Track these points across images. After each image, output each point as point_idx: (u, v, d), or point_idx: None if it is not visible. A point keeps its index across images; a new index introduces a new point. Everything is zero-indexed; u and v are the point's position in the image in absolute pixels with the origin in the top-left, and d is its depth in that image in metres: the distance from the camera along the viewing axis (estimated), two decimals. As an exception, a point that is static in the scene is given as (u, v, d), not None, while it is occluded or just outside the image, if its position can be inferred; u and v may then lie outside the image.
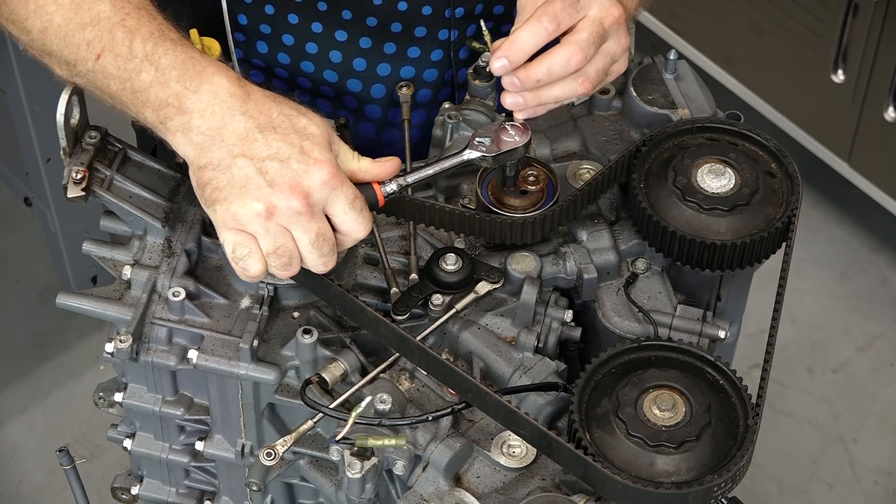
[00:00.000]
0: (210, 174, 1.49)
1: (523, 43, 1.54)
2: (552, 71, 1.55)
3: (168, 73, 1.50)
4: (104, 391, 1.81)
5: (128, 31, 1.51)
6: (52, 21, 1.54)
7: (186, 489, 1.86)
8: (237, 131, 1.48)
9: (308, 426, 1.60)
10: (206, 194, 1.49)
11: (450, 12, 1.82)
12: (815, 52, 3.24)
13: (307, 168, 1.47)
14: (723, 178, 1.69)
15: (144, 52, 1.51)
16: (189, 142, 1.49)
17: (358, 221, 1.50)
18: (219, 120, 1.48)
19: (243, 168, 1.47)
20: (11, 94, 2.89)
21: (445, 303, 1.65)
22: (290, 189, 1.47)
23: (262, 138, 1.48)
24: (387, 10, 1.81)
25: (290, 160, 1.47)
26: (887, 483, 3.13)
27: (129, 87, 1.51)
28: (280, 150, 1.47)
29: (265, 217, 1.47)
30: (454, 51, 1.86)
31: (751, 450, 1.51)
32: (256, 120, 1.48)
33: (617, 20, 1.58)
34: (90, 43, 1.52)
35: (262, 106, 1.49)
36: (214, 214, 1.50)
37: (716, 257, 1.66)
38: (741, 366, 1.67)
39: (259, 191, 1.47)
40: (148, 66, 1.50)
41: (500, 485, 1.58)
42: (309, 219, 1.48)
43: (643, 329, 1.67)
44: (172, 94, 1.49)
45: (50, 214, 3.11)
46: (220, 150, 1.48)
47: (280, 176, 1.47)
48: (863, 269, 3.50)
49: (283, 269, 1.50)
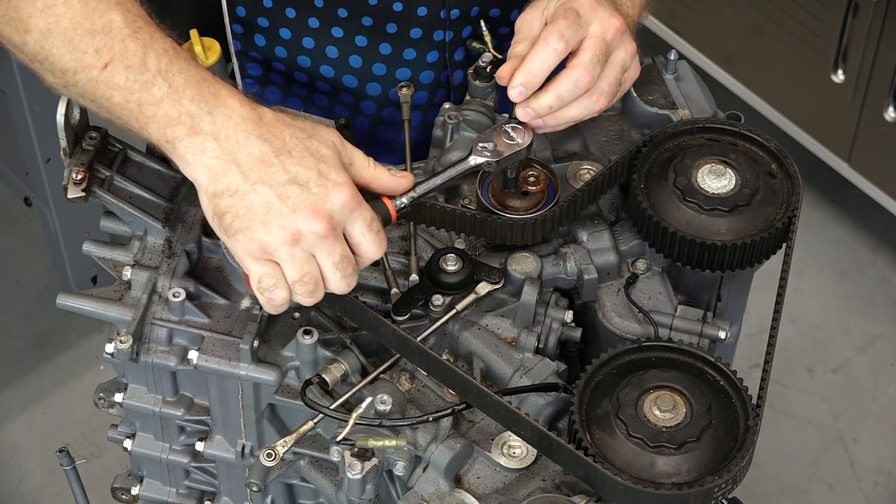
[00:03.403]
0: (227, 202, 1.46)
1: (536, 69, 1.57)
2: (562, 97, 1.59)
3: (182, 92, 1.47)
4: (104, 391, 1.81)
5: (141, 44, 1.49)
6: (58, 23, 1.50)
7: (186, 489, 1.86)
8: (253, 155, 1.45)
9: (308, 427, 1.60)
10: (225, 223, 1.46)
11: (445, 13, 1.83)
12: (815, 52, 3.24)
13: (327, 191, 1.46)
14: (723, 178, 1.69)
15: (158, 67, 1.48)
16: (202, 165, 1.46)
17: (375, 242, 1.50)
18: (233, 144, 1.45)
19: (263, 194, 1.45)
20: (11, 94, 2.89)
21: (446, 303, 1.65)
22: (313, 213, 1.45)
23: (279, 162, 1.45)
24: (382, 10, 1.81)
25: (309, 184, 1.45)
26: (887, 483, 3.13)
27: (136, 100, 1.48)
28: (298, 174, 1.46)
29: (291, 244, 1.45)
30: (449, 52, 1.87)
31: (751, 450, 1.51)
32: (271, 143, 1.46)
33: (618, 30, 1.60)
34: (99, 50, 1.49)
35: (274, 129, 1.47)
36: (237, 244, 1.46)
37: (716, 258, 1.66)
38: (741, 366, 1.67)
39: (283, 217, 1.44)
40: (161, 81, 1.47)
41: (500, 485, 1.58)
42: (333, 242, 1.46)
43: (643, 330, 1.67)
44: (185, 114, 1.46)
45: (50, 214, 3.11)
46: (237, 175, 1.45)
47: (302, 201, 1.45)
48: (863, 269, 3.50)
49: (308, 297, 1.48)
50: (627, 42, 1.61)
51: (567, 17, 1.57)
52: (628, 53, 1.62)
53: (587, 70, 1.57)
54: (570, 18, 1.57)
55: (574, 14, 1.58)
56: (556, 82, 1.58)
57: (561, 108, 1.60)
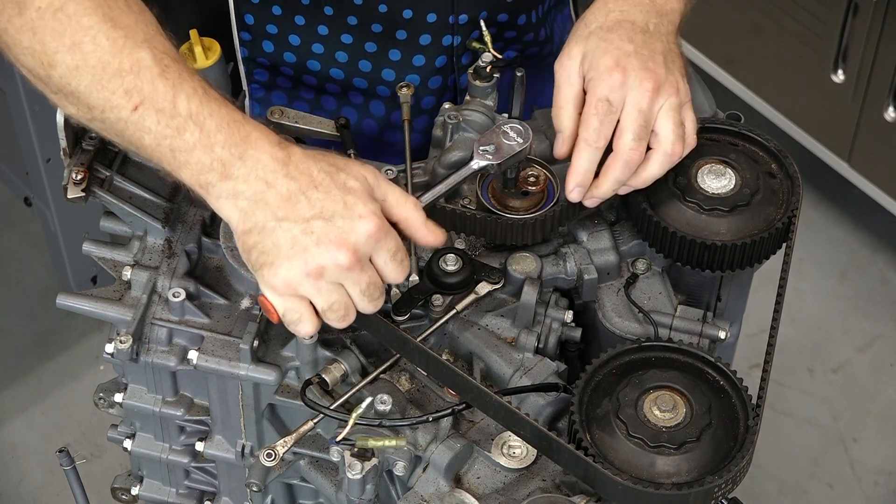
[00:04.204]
0: (255, 238, 1.47)
1: (584, 169, 1.62)
2: (619, 180, 1.63)
3: (214, 137, 1.46)
4: (104, 391, 1.81)
5: (171, 84, 1.47)
6: (86, 61, 1.46)
7: (186, 489, 1.86)
8: (280, 194, 1.46)
9: (308, 427, 1.60)
10: (252, 258, 1.48)
11: (454, 19, 1.83)
12: (815, 52, 3.24)
13: (352, 223, 1.47)
14: (723, 178, 1.69)
15: (189, 111, 1.46)
16: (234, 207, 1.47)
17: (398, 271, 1.51)
18: (262, 184, 1.46)
19: (288, 230, 1.46)
20: (11, 94, 2.89)
21: (446, 303, 1.65)
22: (338, 246, 1.46)
23: (305, 199, 1.46)
24: (391, 18, 1.81)
25: (334, 217, 1.46)
26: (887, 483, 3.13)
27: (168, 145, 1.47)
28: (324, 208, 1.47)
29: (315, 278, 1.47)
30: (457, 56, 1.87)
31: (751, 450, 1.51)
32: (298, 181, 1.47)
33: (654, 90, 1.60)
34: (128, 91, 1.46)
35: (302, 166, 1.48)
36: (262, 279, 1.48)
37: (716, 258, 1.66)
38: (741, 366, 1.67)
39: (306, 252, 1.46)
40: (193, 126, 1.46)
41: (500, 485, 1.58)
42: (359, 272, 1.48)
43: (643, 330, 1.67)
44: (217, 161, 1.46)
45: (50, 214, 3.11)
46: (264, 213, 1.46)
47: (326, 234, 1.46)
48: (863, 269, 3.50)
49: (340, 322, 1.50)
50: (669, 90, 1.61)
51: (598, 111, 1.60)
52: (680, 94, 1.62)
53: (632, 149, 1.60)
54: (601, 112, 1.60)
55: (605, 105, 1.59)
56: (609, 169, 1.62)
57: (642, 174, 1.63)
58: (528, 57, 1.93)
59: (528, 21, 1.89)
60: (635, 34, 1.63)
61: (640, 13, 1.65)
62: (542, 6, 1.91)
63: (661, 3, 1.68)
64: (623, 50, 1.61)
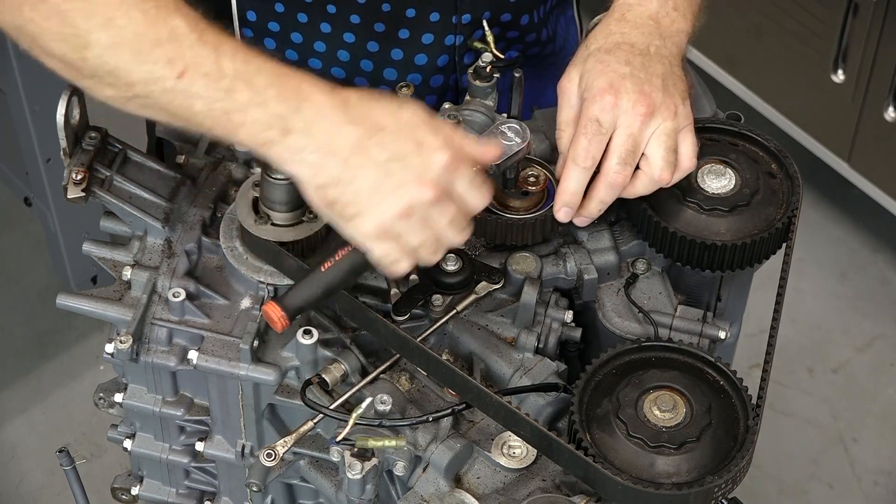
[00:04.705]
0: (333, 192, 1.47)
1: (571, 189, 1.62)
2: (605, 201, 1.63)
3: (265, 93, 1.45)
4: (104, 391, 1.81)
5: (211, 47, 1.44)
6: (122, 36, 1.43)
7: (186, 489, 1.86)
8: (349, 142, 1.45)
9: (308, 427, 1.60)
10: (336, 211, 1.48)
11: (456, 18, 1.83)
12: (815, 52, 3.24)
13: (427, 158, 1.47)
14: (723, 178, 1.69)
15: (235, 70, 1.45)
16: (301, 162, 1.46)
17: (478, 196, 1.51)
18: (327, 136, 1.45)
19: (368, 178, 1.45)
20: (11, 94, 2.89)
21: (446, 303, 1.65)
22: (419, 183, 1.46)
23: (376, 142, 1.46)
24: (395, 16, 1.81)
25: (409, 156, 1.46)
26: (887, 483, 3.13)
27: (220, 108, 1.45)
28: (396, 149, 1.46)
29: (405, 217, 1.47)
30: (459, 56, 1.87)
31: (751, 450, 1.51)
32: (363, 125, 1.46)
33: (646, 115, 1.60)
34: (171, 60, 1.44)
35: (363, 109, 1.47)
36: (354, 229, 1.48)
37: (716, 258, 1.66)
38: (741, 366, 1.67)
39: (391, 195, 1.46)
40: (242, 85, 1.45)
41: (500, 485, 1.58)
42: (443, 204, 1.48)
43: (643, 330, 1.67)
44: (274, 116, 1.45)
45: (50, 214, 3.11)
46: (337, 165, 1.45)
47: (405, 174, 1.46)
48: (863, 269, 3.50)
49: (433, 255, 1.52)
50: (665, 114, 1.61)
51: (587, 131, 1.60)
52: (668, 123, 1.61)
53: (617, 173, 1.60)
54: (590, 132, 1.59)
55: (594, 126, 1.59)
56: (594, 190, 1.63)
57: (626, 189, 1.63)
58: (530, 57, 1.93)
59: (530, 21, 1.89)
60: (634, 56, 1.62)
61: (641, 36, 1.64)
62: (544, 6, 1.91)
63: (667, 25, 1.67)
64: (618, 72, 1.60)
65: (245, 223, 1.64)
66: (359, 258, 1.52)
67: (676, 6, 1.68)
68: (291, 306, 1.52)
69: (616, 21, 1.66)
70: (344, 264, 1.53)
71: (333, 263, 1.53)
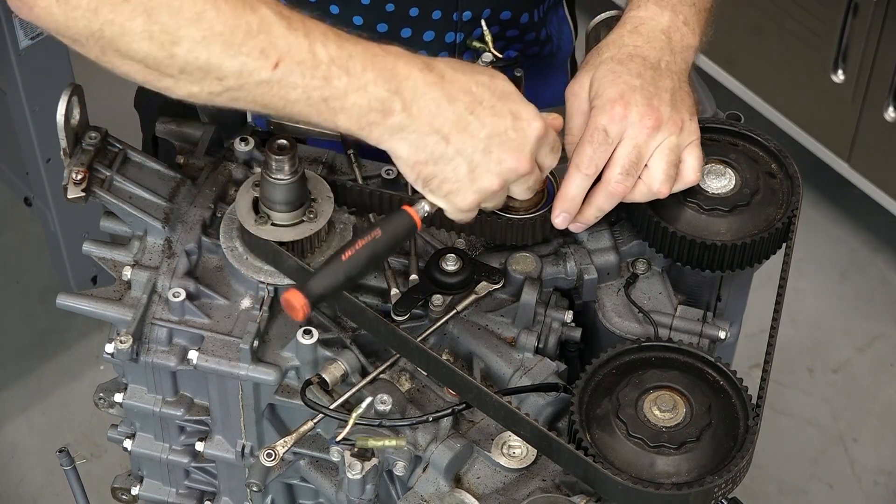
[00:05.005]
0: (432, 169, 1.49)
1: (571, 195, 1.62)
2: (603, 209, 1.64)
3: (363, 78, 1.45)
4: (104, 391, 1.81)
5: (302, 34, 1.44)
6: (212, 29, 1.41)
7: (186, 489, 1.86)
8: (449, 120, 1.47)
9: (308, 427, 1.60)
10: (432, 186, 1.50)
11: (457, 16, 1.83)
12: (815, 52, 3.24)
13: (524, 132, 1.50)
14: (723, 178, 1.69)
15: (329, 57, 1.44)
16: (401, 140, 1.48)
17: (555, 158, 1.56)
18: (428, 114, 1.47)
19: (468, 156, 1.48)
20: (11, 94, 2.88)
21: (446, 303, 1.65)
22: (517, 159, 1.50)
23: (475, 118, 1.48)
24: (398, 16, 1.81)
25: (507, 131, 1.50)
26: (887, 483, 3.13)
27: (319, 96, 1.45)
28: (495, 125, 1.49)
29: (499, 191, 1.52)
30: (459, 53, 1.87)
31: (751, 450, 1.51)
32: (462, 101, 1.48)
33: (653, 128, 1.59)
34: (264, 50, 1.42)
35: (459, 84, 1.49)
36: (450, 204, 1.52)
37: (716, 258, 1.66)
38: (741, 366, 1.67)
39: (490, 171, 1.50)
40: (338, 71, 1.44)
41: (500, 485, 1.58)
42: (530, 173, 1.53)
43: (643, 330, 1.67)
44: (374, 99, 1.45)
45: (50, 214, 3.11)
46: (438, 143, 1.48)
47: (504, 150, 1.49)
48: (863, 269, 3.50)
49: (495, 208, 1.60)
50: (671, 128, 1.60)
51: (593, 139, 1.59)
52: (673, 138, 1.61)
53: (618, 182, 1.61)
54: (596, 141, 1.59)
55: (601, 135, 1.59)
56: (593, 197, 1.62)
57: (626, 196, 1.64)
58: (529, 56, 1.93)
59: (530, 20, 1.89)
60: (645, 70, 1.62)
61: (653, 50, 1.64)
62: (543, 6, 1.91)
63: (678, 40, 1.67)
64: (630, 84, 1.60)
65: (245, 223, 1.64)
66: (379, 246, 1.53)
67: (687, 21, 1.68)
68: (314, 293, 1.51)
69: (629, 33, 1.66)
70: (364, 253, 1.53)
71: (354, 252, 1.53)
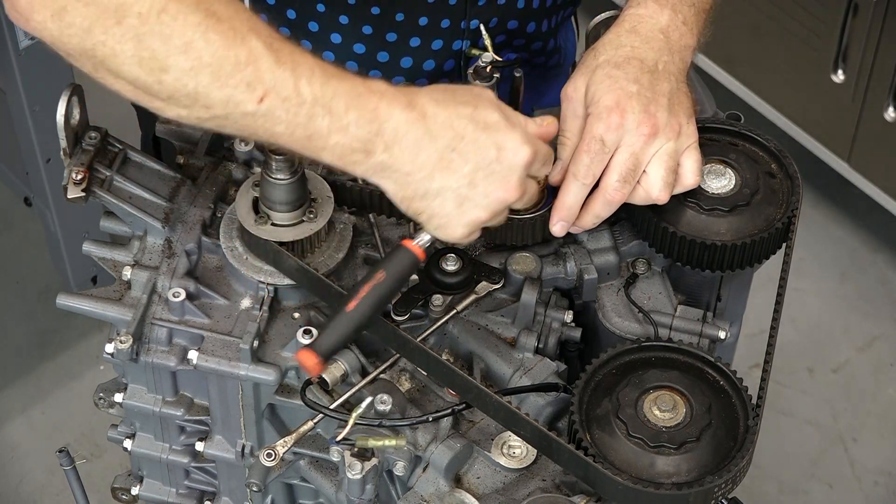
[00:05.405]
0: (419, 204, 1.50)
1: (570, 203, 1.62)
2: (600, 216, 1.64)
3: (345, 118, 1.45)
4: (104, 391, 1.81)
5: (289, 69, 1.43)
6: (201, 59, 1.41)
7: (186, 489, 1.86)
8: (431, 159, 1.47)
9: (308, 427, 1.60)
10: (423, 220, 1.52)
11: (465, 24, 1.82)
12: (815, 52, 3.24)
13: (510, 162, 1.49)
14: (723, 178, 1.69)
15: (314, 96, 1.44)
16: (385, 178, 1.49)
17: (546, 169, 1.57)
18: (409, 153, 1.47)
19: (453, 192, 1.48)
20: (11, 94, 2.88)
21: (446, 303, 1.65)
22: (504, 190, 1.50)
23: (458, 155, 1.48)
24: (407, 26, 1.80)
25: (491, 164, 1.49)
26: (887, 483, 3.13)
27: (302, 134, 1.45)
28: (478, 159, 1.48)
29: (489, 220, 1.52)
30: (465, 60, 1.86)
31: (751, 450, 1.51)
32: (443, 137, 1.47)
33: (650, 135, 1.59)
34: (250, 84, 1.42)
35: (440, 120, 1.48)
36: (442, 234, 1.53)
37: (716, 258, 1.66)
38: (741, 366, 1.67)
39: (477, 205, 1.50)
40: (321, 110, 1.44)
41: (500, 485, 1.58)
42: (523, 194, 1.52)
43: (643, 329, 1.67)
44: (356, 140, 1.45)
45: (50, 214, 3.11)
46: (423, 181, 1.48)
47: (489, 183, 1.49)
48: (863, 269, 3.49)
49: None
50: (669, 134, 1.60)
51: (590, 149, 1.59)
52: (671, 144, 1.60)
53: (616, 190, 1.60)
54: (593, 150, 1.59)
55: (598, 144, 1.59)
56: (591, 204, 1.62)
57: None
58: (536, 66, 1.93)
59: (537, 29, 1.88)
60: (642, 74, 1.60)
61: (651, 51, 1.63)
62: (555, 17, 1.90)
63: (676, 40, 1.65)
64: (626, 90, 1.59)
65: (245, 223, 1.64)
66: (384, 289, 1.53)
67: (686, 20, 1.66)
68: (324, 351, 1.53)
69: (627, 32, 1.64)
70: (369, 300, 1.53)
71: (359, 301, 1.53)
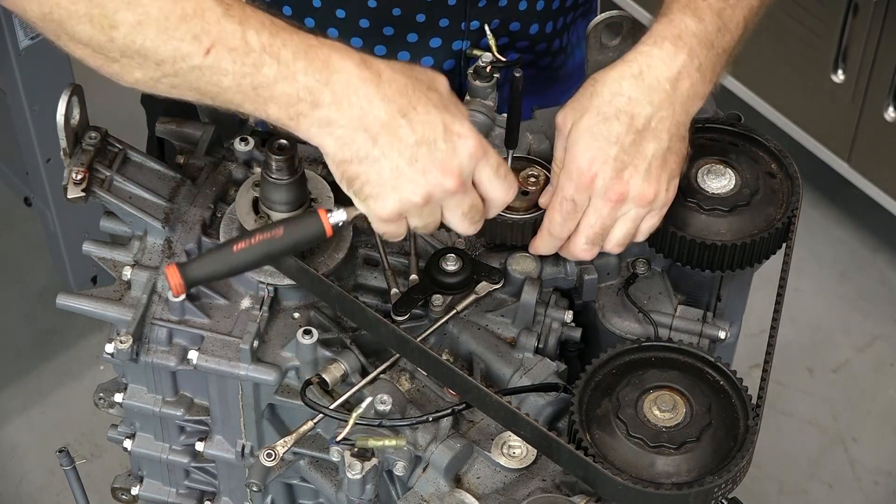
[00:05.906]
0: (356, 168, 1.45)
1: (544, 251, 1.65)
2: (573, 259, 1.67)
3: (293, 66, 1.42)
4: (104, 391, 1.81)
5: (237, 21, 1.42)
6: (147, 13, 1.41)
7: (186, 490, 1.86)
8: (379, 119, 1.43)
9: (308, 427, 1.60)
10: (354, 188, 1.46)
11: (465, 24, 1.82)
12: (815, 52, 3.24)
13: (454, 146, 1.45)
14: (723, 178, 1.69)
15: (261, 44, 1.42)
16: (328, 135, 1.44)
17: (503, 188, 1.50)
18: (358, 110, 1.43)
19: (393, 160, 1.44)
20: (11, 94, 2.89)
21: (446, 303, 1.65)
22: (443, 172, 1.45)
23: (406, 123, 1.44)
24: (404, 21, 1.80)
25: (437, 142, 1.44)
26: (887, 483, 3.13)
27: (249, 83, 1.43)
28: (426, 132, 1.44)
29: (422, 205, 1.47)
30: (465, 60, 1.86)
31: (751, 450, 1.51)
32: (396, 103, 1.44)
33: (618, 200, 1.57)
34: (197, 36, 1.41)
35: (395, 85, 1.44)
36: (369, 208, 1.47)
37: (716, 258, 1.66)
38: (741, 366, 1.67)
39: (413, 182, 1.45)
40: (269, 59, 1.42)
41: (500, 485, 1.58)
42: (462, 195, 1.47)
43: (643, 329, 1.67)
44: (303, 89, 1.42)
45: (50, 214, 3.11)
46: (365, 142, 1.44)
47: (431, 161, 1.44)
48: (863, 269, 3.50)
49: (428, 234, 1.58)
50: (637, 202, 1.58)
51: (562, 209, 1.59)
52: (637, 210, 1.59)
53: (584, 251, 1.62)
54: (564, 211, 1.59)
55: (570, 205, 1.58)
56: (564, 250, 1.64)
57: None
58: (541, 68, 1.92)
59: (541, 31, 1.88)
60: (627, 134, 1.55)
61: (648, 105, 1.56)
62: (564, 18, 1.89)
63: (684, 90, 1.58)
64: (603, 152, 1.55)
65: (245, 223, 1.64)
66: (276, 246, 1.50)
67: (701, 66, 1.60)
68: (191, 277, 1.50)
69: (631, 77, 1.56)
70: (257, 250, 1.50)
71: (248, 246, 1.50)
